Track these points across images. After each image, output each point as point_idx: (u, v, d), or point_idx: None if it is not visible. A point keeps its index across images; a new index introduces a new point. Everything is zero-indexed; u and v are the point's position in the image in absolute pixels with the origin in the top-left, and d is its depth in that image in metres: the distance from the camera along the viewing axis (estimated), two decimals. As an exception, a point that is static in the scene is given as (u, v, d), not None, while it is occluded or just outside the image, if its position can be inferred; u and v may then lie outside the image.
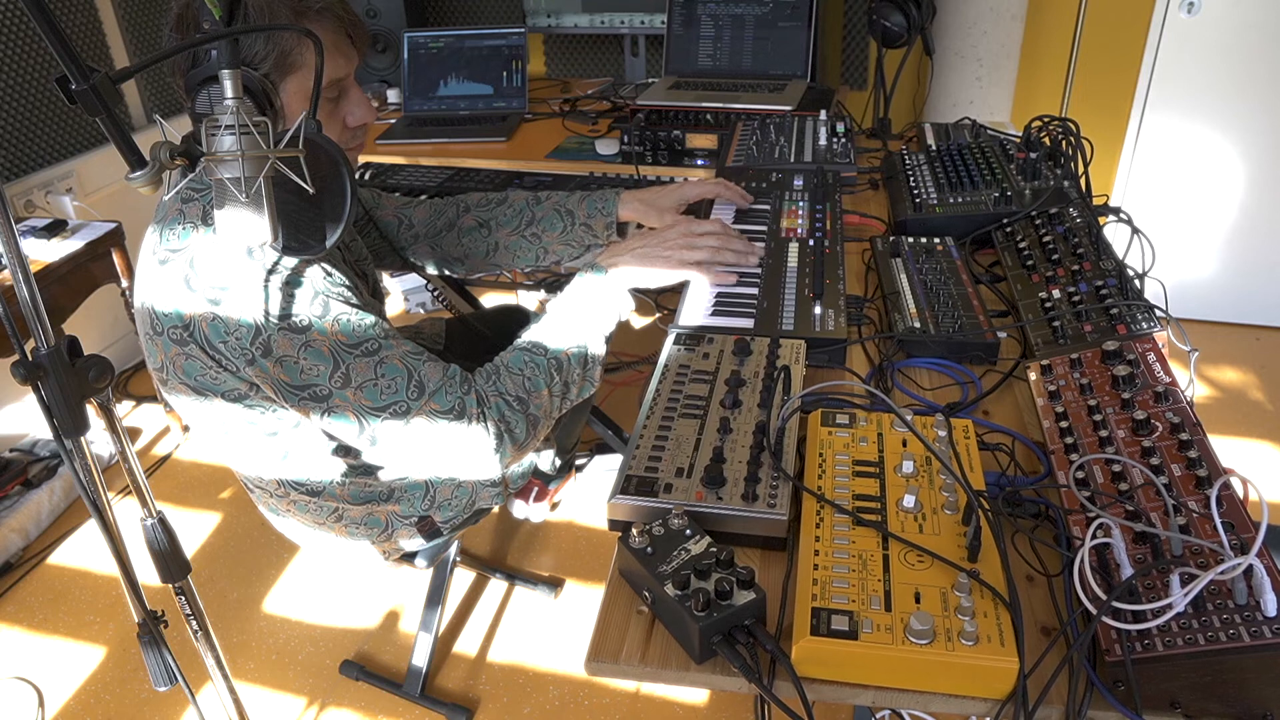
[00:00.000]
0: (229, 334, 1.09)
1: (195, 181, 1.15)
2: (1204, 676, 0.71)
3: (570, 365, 1.24)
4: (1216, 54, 2.78)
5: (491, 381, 1.21)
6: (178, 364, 1.14)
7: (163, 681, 1.02)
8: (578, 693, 1.90)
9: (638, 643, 0.83)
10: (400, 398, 1.15)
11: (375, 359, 1.14)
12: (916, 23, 2.13)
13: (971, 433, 0.98)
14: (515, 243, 1.61)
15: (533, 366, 1.22)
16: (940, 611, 0.76)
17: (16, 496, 2.40)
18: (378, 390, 1.14)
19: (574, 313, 1.26)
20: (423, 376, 1.16)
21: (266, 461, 1.31)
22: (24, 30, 2.65)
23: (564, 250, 1.60)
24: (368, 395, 1.14)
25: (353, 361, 1.13)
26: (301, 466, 1.31)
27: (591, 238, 1.58)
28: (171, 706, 1.90)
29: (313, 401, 1.14)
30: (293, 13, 1.11)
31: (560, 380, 1.24)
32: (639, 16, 2.73)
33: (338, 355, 1.12)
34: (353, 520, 1.41)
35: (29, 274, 0.83)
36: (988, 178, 1.59)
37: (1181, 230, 3.06)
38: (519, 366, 1.22)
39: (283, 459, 1.29)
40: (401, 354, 1.16)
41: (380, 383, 1.14)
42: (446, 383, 1.17)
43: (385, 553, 1.50)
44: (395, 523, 1.44)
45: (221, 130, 0.87)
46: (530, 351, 1.24)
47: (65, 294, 2.30)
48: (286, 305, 1.09)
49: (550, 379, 1.22)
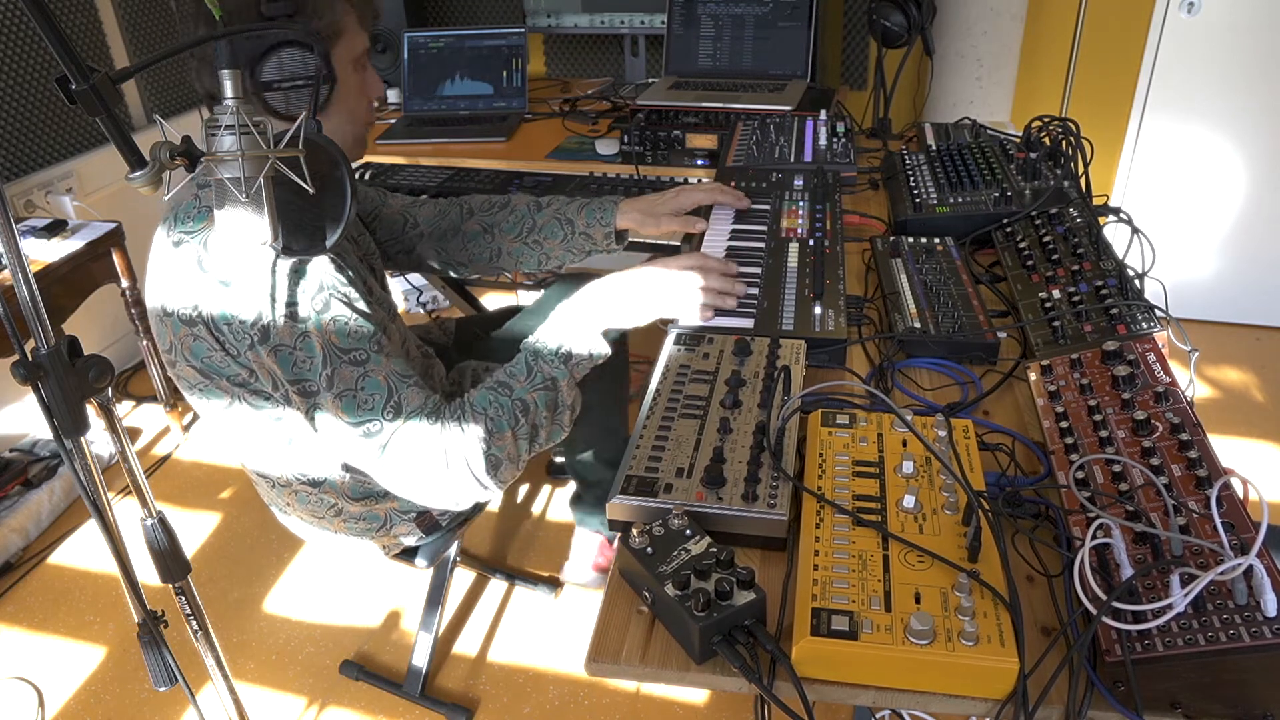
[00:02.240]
0: (234, 317, 1.10)
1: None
2: (1204, 677, 0.71)
3: (537, 409, 1.20)
4: (1216, 54, 2.78)
5: (458, 418, 1.18)
6: (185, 344, 1.16)
7: (163, 681, 1.02)
8: (578, 693, 1.90)
9: (638, 643, 0.83)
10: (375, 416, 1.15)
11: (361, 370, 1.14)
12: (916, 23, 2.13)
13: (971, 433, 0.98)
14: (518, 249, 1.62)
15: (497, 407, 1.19)
16: (940, 612, 0.76)
17: (16, 496, 2.40)
18: (355, 403, 1.14)
19: (545, 355, 1.22)
20: (402, 398, 1.16)
21: (271, 448, 1.31)
22: (24, 30, 2.64)
23: (565, 256, 1.61)
24: (345, 407, 1.14)
25: (339, 366, 1.13)
26: (305, 454, 1.31)
27: (591, 245, 1.59)
28: (171, 706, 1.90)
29: (301, 397, 1.15)
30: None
31: (526, 424, 1.20)
32: (639, 16, 2.73)
33: (329, 354, 1.13)
34: (352, 516, 1.41)
35: (29, 274, 0.83)
36: (988, 178, 1.59)
37: (1181, 230, 3.06)
38: (483, 406, 1.19)
39: (288, 444, 1.29)
40: (388, 371, 1.16)
41: (359, 395, 1.14)
42: (422, 410, 1.17)
43: (385, 547, 1.50)
44: (394, 518, 1.44)
45: (221, 130, 0.87)
46: (496, 391, 1.20)
47: (65, 294, 2.30)
48: (291, 295, 1.10)
49: (515, 421, 1.19)
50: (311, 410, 1.16)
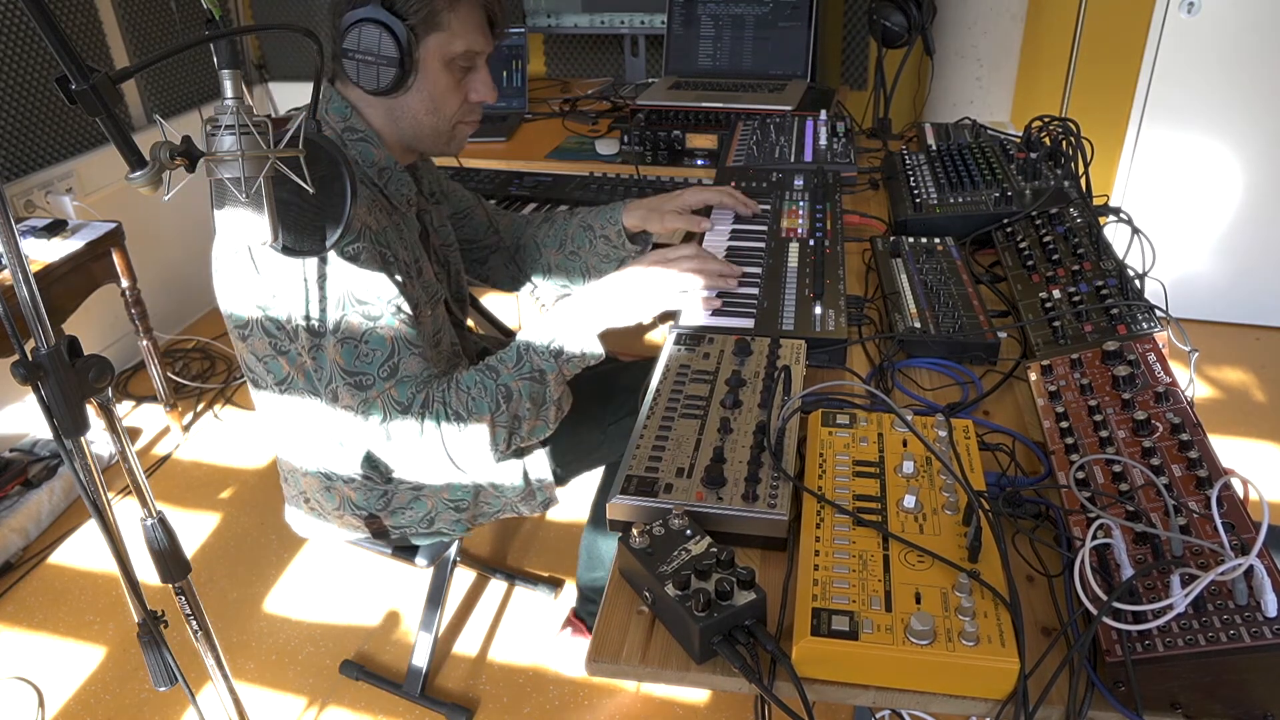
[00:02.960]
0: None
1: None
2: (1204, 677, 0.71)
3: (520, 398, 1.22)
4: (1216, 54, 2.78)
5: (442, 391, 1.21)
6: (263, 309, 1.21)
7: (163, 681, 1.02)
8: (578, 693, 1.90)
9: (638, 643, 0.83)
10: (370, 371, 1.19)
11: (371, 323, 1.18)
12: (916, 23, 2.13)
13: (972, 433, 0.98)
14: (560, 261, 1.66)
15: (480, 389, 1.22)
16: (941, 612, 0.76)
17: (16, 496, 2.40)
18: (355, 354, 1.18)
19: (537, 347, 1.24)
20: (399, 361, 1.20)
21: (314, 437, 1.35)
22: (24, 30, 2.64)
23: (600, 264, 1.63)
24: (344, 354, 1.18)
25: (349, 312, 1.17)
26: (343, 451, 1.36)
27: (609, 247, 1.61)
28: (171, 706, 1.90)
29: (309, 334, 1.18)
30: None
31: (507, 412, 1.22)
32: (639, 16, 2.73)
33: (346, 300, 1.17)
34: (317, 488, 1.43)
35: (29, 274, 0.83)
36: (988, 178, 1.59)
37: (1181, 230, 3.06)
38: (468, 385, 1.22)
39: (339, 446, 1.35)
40: (396, 334, 1.19)
41: (361, 348, 1.18)
42: (414, 379, 1.20)
43: (340, 527, 1.50)
44: (348, 508, 1.44)
45: (221, 130, 0.87)
46: (483, 374, 1.23)
47: (65, 294, 2.30)
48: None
49: (496, 406, 1.21)
50: (315, 350, 1.19)
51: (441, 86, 1.27)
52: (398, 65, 1.20)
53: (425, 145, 1.34)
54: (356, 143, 1.27)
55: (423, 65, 1.24)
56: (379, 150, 1.28)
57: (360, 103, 1.28)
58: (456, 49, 1.25)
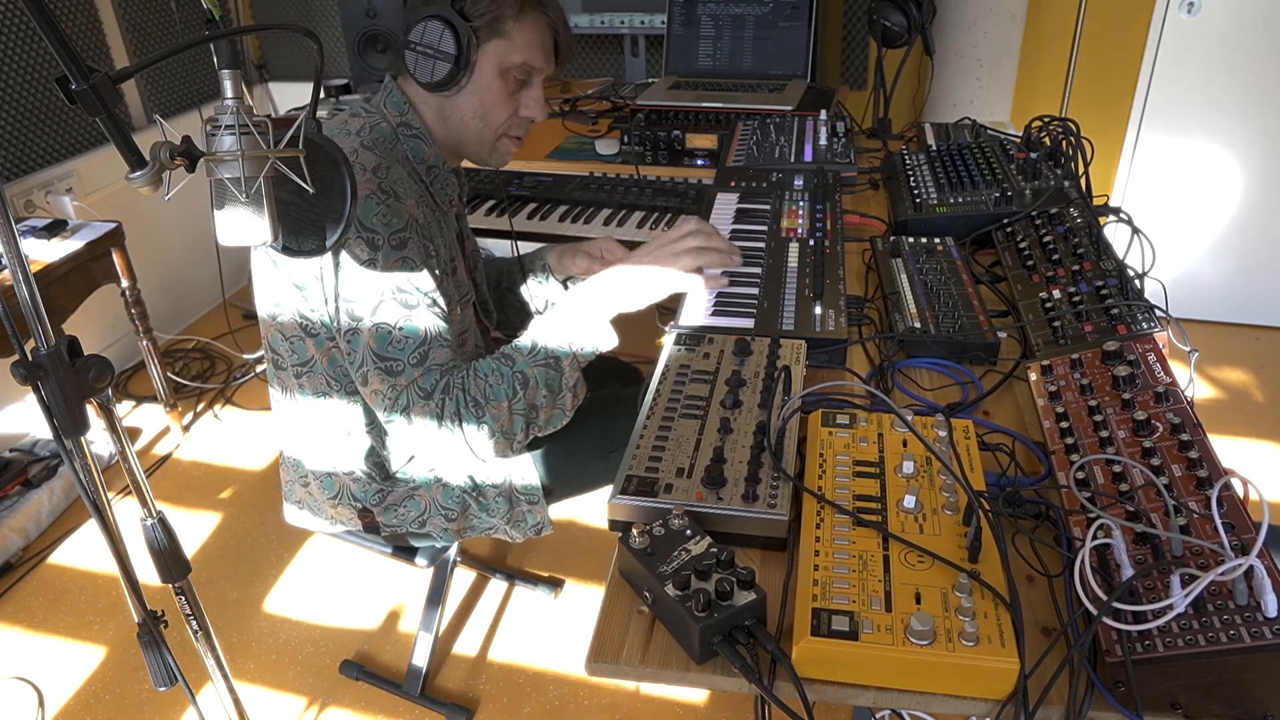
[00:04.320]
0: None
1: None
2: (1204, 677, 0.71)
3: (536, 386, 1.24)
4: (1216, 54, 2.78)
5: (461, 378, 1.24)
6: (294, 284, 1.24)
7: (163, 681, 1.02)
8: (578, 693, 1.90)
9: (638, 643, 0.83)
10: (401, 358, 1.21)
11: (407, 311, 1.21)
12: (916, 23, 2.13)
13: (972, 433, 0.98)
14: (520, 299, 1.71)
15: (497, 376, 1.24)
16: (941, 612, 0.76)
17: (16, 496, 2.40)
18: (389, 340, 1.20)
19: (551, 334, 1.26)
20: (430, 350, 1.22)
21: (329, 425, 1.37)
22: (24, 30, 2.64)
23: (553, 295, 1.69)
24: (377, 339, 1.20)
25: (387, 299, 1.19)
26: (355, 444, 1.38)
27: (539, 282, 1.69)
28: (171, 706, 1.90)
29: (344, 316, 1.21)
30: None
31: (523, 399, 1.23)
32: (639, 16, 2.73)
33: (385, 286, 1.19)
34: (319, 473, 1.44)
35: (29, 274, 0.83)
36: (988, 178, 1.59)
37: (1181, 230, 3.06)
38: (485, 373, 1.24)
39: (346, 436, 1.38)
40: (430, 324, 1.22)
41: (394, 334, 1.20)
42: (441, 368, 1.22)
43: (331, 519, 1.50)
44: (344, 498, 1.44)
45: (221, 130, 0.87)
46: (500, 361, 1.25)
47: (65, 294, 2.30)
48: (380, 219, 1.17)
49: (513, 393, 1.23)
50: (351, 334, 1.21)
51: (493, 93, 1.29)
52: (453, 62, 1.23)
53: (469, 150, 1.36)
54: (410, 139, 1.30)
55: (479, 68, 1.27)
56: (430, 148, 1.31)
57: (417, 99, 1.31)
58: (514, 59, 1.28)
